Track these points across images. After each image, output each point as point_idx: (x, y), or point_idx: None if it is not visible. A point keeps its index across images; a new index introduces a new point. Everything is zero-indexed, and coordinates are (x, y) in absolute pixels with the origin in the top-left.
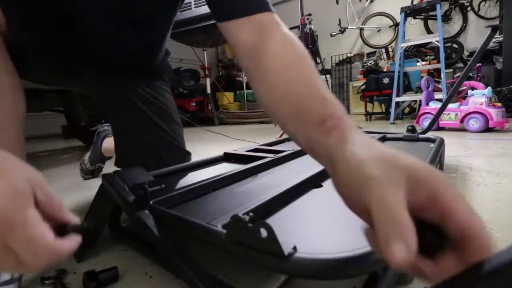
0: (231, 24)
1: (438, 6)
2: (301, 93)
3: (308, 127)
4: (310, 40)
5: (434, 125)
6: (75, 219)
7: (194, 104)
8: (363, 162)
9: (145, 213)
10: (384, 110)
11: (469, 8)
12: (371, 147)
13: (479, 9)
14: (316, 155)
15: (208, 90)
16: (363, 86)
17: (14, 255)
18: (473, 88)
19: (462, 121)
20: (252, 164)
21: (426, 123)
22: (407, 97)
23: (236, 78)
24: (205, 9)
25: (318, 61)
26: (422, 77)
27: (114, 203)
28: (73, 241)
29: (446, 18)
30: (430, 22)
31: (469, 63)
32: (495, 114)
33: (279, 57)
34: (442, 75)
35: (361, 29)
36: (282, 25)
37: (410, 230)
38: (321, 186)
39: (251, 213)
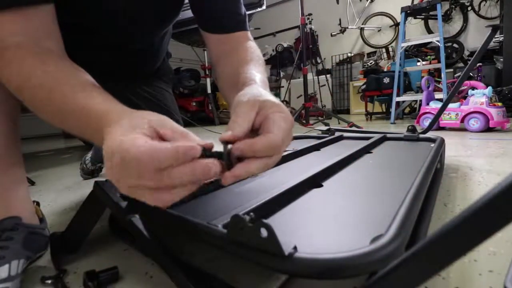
0: (210, 35)
1: (438, 5)
2: (238, 79)
3: (237, 89)
4: (310, 40)
5: (435, 125)
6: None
7: (194, 104)
8: (242, 95)
9: (136, 217)
10: (384, 110)
11: (469, 8)
12: (252, 90)
13: (479, 9)
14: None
15: (209, 90)
16: (364, 86)
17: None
18: (473, 88)
19: (462, 121)
20: None
21: (426, 123)
22: (407, 97)
23: None
24: None
25: (319, 61)
26: (423, 77)
27: (102, 211)
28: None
29: (447, 17)
30: (430, 22)
31: (469, 62)
32: (495, 114)
33: (229, 60)
34: (443, 75)
35: (362, 29)
36: (249, 40)
37: (244, 128)
38: (321, 186)
39: (251, 213)
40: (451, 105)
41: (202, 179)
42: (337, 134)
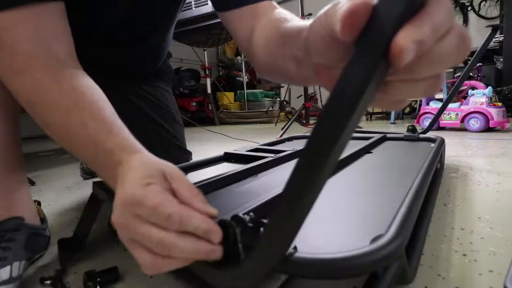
0: (231, 14)
1: None
2: (283, 34)
3: (285, 43)
4: None
5: (435, 125)
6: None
7: (194, 104)
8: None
9: None
10: (384, 110)
11: (469, 8)
12: None
13: (479, 9)
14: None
15: (209, 90)
16: None
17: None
18: (473, 88)
19: (462, 121)
20: (253, 164)
21: (426, 123)
22: None
23: (237, 78)
24: (205, 9)
25: None
26: None
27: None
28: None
29: None
30: None
31: (469, 62)
32: (495, 114)
33: (263, 34)
34: None
35: None
36: (277, 8)
37: None
38: None
39: (251, 213)
40: (451, 105)
41: (196, 258)
42: None
